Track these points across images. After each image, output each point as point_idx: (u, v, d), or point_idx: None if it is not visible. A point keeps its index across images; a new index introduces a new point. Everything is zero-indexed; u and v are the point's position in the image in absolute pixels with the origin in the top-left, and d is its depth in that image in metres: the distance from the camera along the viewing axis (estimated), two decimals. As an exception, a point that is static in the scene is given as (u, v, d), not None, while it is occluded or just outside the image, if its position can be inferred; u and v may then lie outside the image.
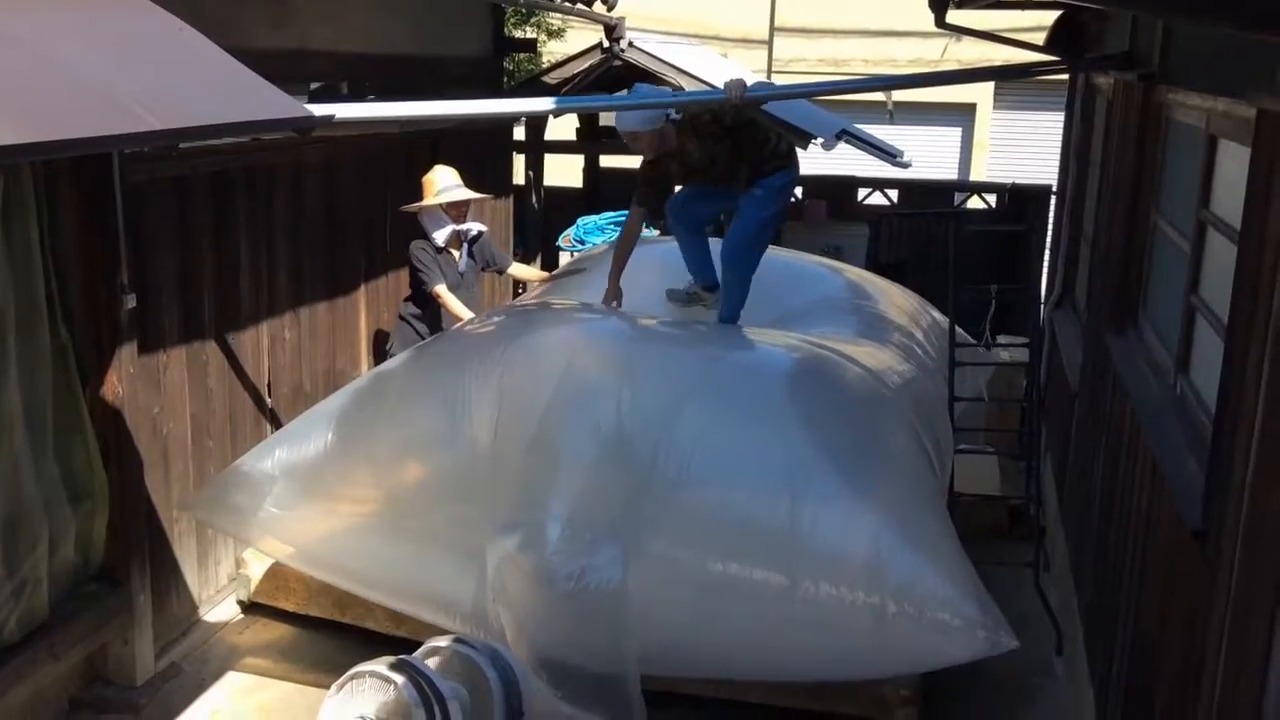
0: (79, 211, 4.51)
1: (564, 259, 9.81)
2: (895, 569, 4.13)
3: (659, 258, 6.34)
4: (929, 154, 15.46)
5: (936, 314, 6.90)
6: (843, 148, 9.52)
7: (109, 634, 4.78)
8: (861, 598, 4.13)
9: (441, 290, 6.25)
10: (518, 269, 7.11)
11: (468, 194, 6.43)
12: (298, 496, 4.98)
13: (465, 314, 6.21)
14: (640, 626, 4.31)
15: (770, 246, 5.82)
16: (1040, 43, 6.99)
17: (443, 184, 6.36)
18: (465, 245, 6.48)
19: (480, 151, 7.95)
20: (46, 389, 4.44)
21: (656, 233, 8.94)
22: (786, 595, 4.22)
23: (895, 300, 6.67)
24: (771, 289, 5.99)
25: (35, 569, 4.37)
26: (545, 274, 7.04)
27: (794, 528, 4.25)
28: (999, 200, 10.70)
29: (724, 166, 5.44)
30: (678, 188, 5.92)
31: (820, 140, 9.04)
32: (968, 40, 7.72)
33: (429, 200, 6.35)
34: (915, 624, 4.08)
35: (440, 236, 6.34)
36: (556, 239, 9.56)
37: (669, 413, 4.59)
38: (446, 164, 6.55)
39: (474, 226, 6.54)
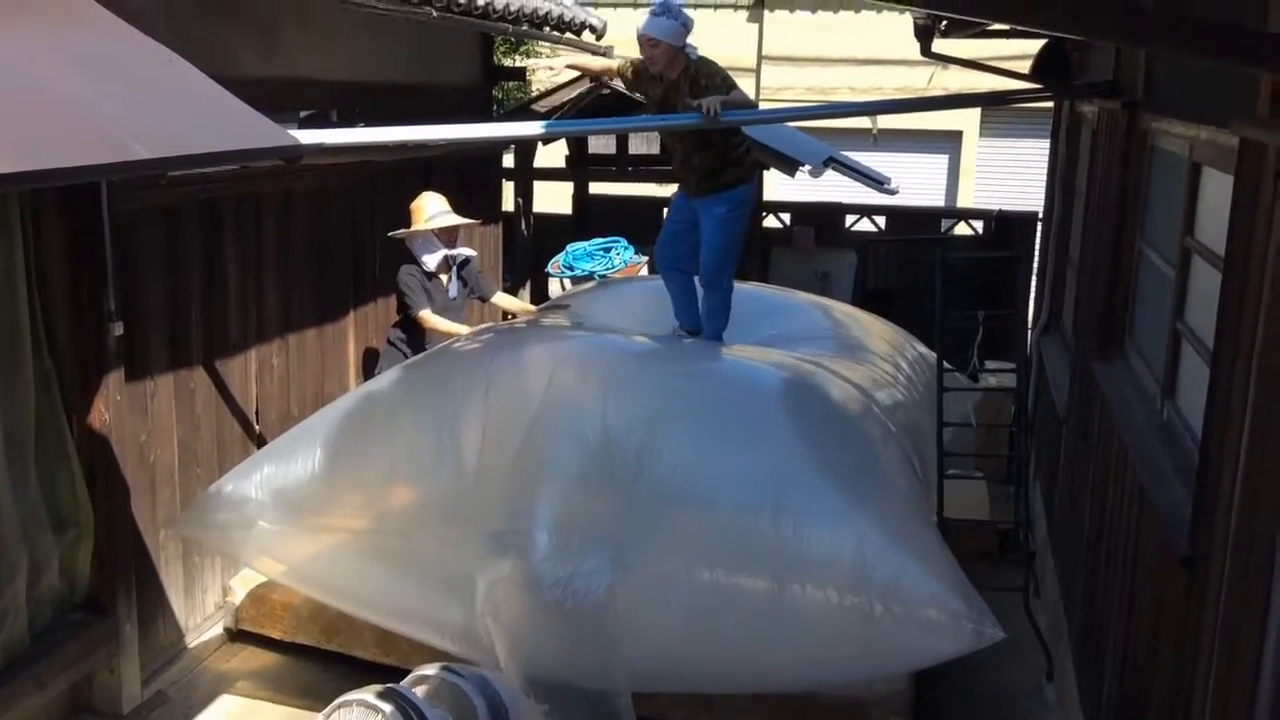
0: (66, 239, 4.51)
1: (553, 285, 9.82)
2: (880, 569, 4.13)
3: (649, 293, 6.38)
4: (916, 181, 15.52)
5: (922, 347, 6.93)
6: (830, 175, 9.58)
7: (95, 662, 4.74)
8: (848, 599, 4.13)
9: (426, 314, 6.24)
10: (502, 299, 7.10)
11: (458, 219, 6.44)
12: (284, 514, 4.96)
13: (457, 329, 6.19)
14: (629, 638, 4.31)
15: (757, 282, 5.83)
16: (1025, 71, 7.04)
17: (432, 210, 6.38)
18: (454, 270, 6.49)
19: (470, 179, 7.97)
20: (29, 416, 4.42)
21: (645, 260, 8.99)
22: (773, 600, 4.22)
23: (879, 333, 6.70)
24: (754, 320, 6.03)
25: (15, 598, 4.35)
26: (531, 308, 7.04)
27: (778, 532, 4.25)
28: (986, 227, 10.75)
29: (688, 137, 5.44)
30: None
31: (808, 167, 9.09)
32: (954, 69, 7.78)
33: (419, 225, 6.36)
34: (902, 622, 4.09)
35: (431, 261, 6.34)
36: (546, 266, 9.57)
37: (653, 423, 4.61)
38: (435, 191, 6.56)
39: (463, 252, 6.56)
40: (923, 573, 4.14)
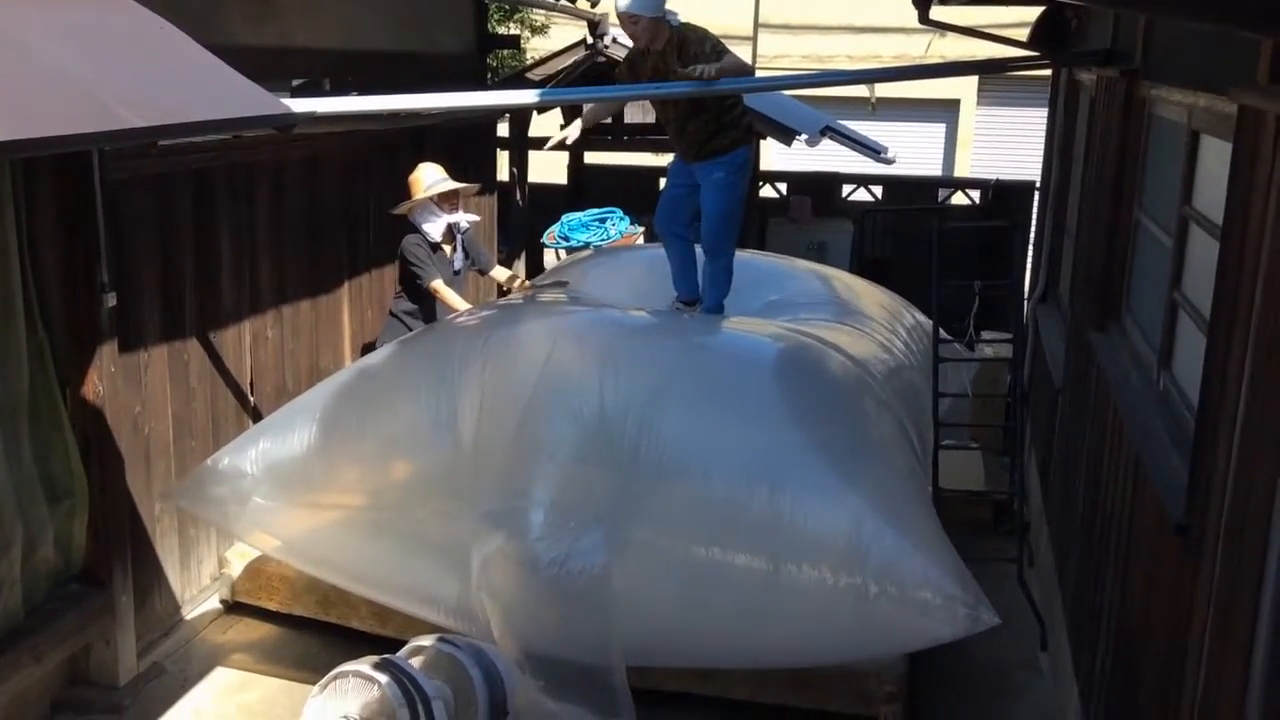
0: (58, 209, 4.47)
1: (549, 256, 9.79)
2: (876, 550, 4.14)
3: (646, 263, 6.35)
4: (913, 150, 15.48)
5: (919, 315, 6.91)
6: (827, 144, 9.55)
7: (91, 634, 4.75)
8: (843, 579, 4.13)
9: (439, 285, 6.21)
10: (499, 272, 7.08)
11: (457, 185, 6.41)
12: (280, 489, 4.96)
13: (462, 305, 6.18)
14: (624, 615, 4.32)
15: (755, 250, 5.79)
16: (1023, 39, 7.01)
17: (429, 179, 6.35)
18: (459, 238, 6.46)
19: (464, 148, 7.93)
20: (23, 388, 4.41)
21: (641, 230, 8.96)
22: (769, 579, 4.22)
23: (877, 300, 6.69)
24: (754, 288, 6.01)
25: (10, 570, 4.34)
26: (526, 283, 7.02)
27: (775, 512, 4.25)
28: (982, 196, 10.74)
29: (681, 105, 5.39)
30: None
31: (804, 136, 9.05)
32: (951, 36, 7.74)
33: (419, 195, 6.32)
34: (897, 604, 4.09)
35: (434, 230, 6.30)
36: (541, 236, 9.55)
37: (651, 401, 4.60)
38: (430, 161, 6.53)
39: (466, 217, 6.52)
40: (918, 555, 4.14)
